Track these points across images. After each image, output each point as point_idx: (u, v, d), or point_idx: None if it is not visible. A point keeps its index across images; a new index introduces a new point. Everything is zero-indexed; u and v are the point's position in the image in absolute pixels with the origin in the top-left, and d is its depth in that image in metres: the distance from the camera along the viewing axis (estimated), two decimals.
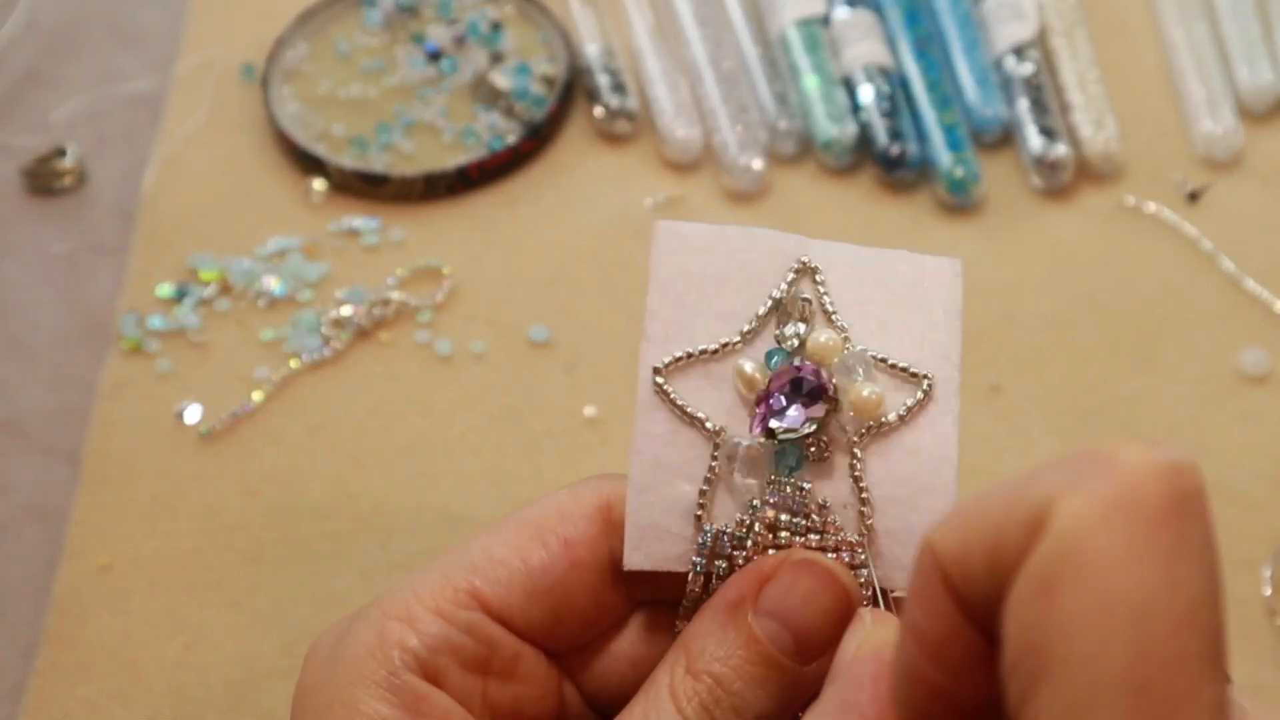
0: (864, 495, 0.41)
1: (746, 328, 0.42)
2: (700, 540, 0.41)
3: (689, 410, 0.42)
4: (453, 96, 0.76)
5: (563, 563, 0.42)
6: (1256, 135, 0.74)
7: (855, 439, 0.42)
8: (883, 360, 0.42)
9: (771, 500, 0.41)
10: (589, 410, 0.65)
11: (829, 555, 0.41)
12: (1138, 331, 0.67)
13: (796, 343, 0.42)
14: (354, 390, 0.66)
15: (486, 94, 0.76)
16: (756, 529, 0.41)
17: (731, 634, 0.40)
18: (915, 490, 0.41)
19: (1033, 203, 0.72)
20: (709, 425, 0.42)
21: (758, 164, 0.72)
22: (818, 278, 0.43)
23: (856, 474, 0.41)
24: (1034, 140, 0.72)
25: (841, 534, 0.41)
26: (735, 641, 0.40)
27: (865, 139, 0.73)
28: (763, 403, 0.41)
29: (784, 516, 0.41)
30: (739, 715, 0.39)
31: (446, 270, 0.70)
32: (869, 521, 0.41)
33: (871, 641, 0.38)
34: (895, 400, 0.42)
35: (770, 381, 0.42)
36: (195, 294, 0.69)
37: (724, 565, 0.41)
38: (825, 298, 0.43)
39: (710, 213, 0.72)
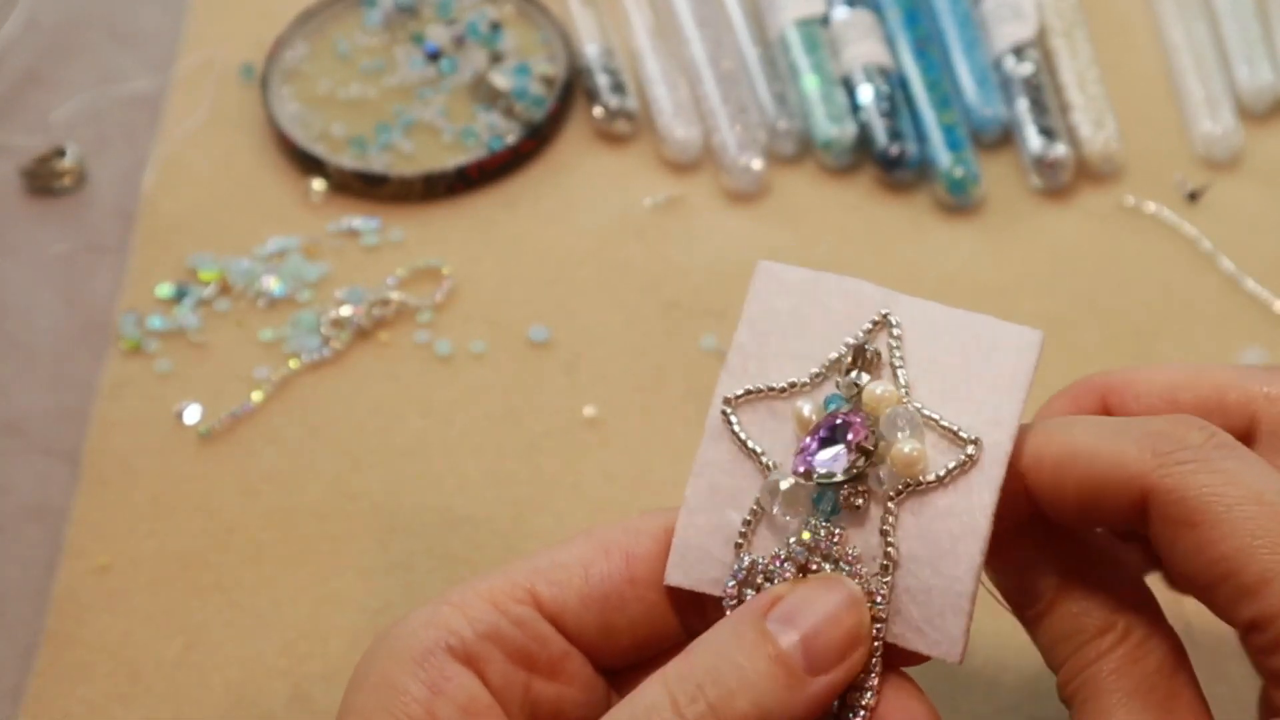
0: (888, 550, 0.42)
1: (815, 371, 0.44)
2: (736, 567, 0.42)
3: (748, 443, 0.44)
4: (452, 96, 0.76)
5: (622, 575, 0.44)
6: (1256, 135, 0.74)
7: (891, 493, 0.42)
8: (933, 419, 0.42)
9: (805, 541, 0.42)
10: (589, 410, 0.65)
11: None
12: (1137, 331, 0.67)
13: (855, 391, 0.43)
14: (354, 390, 0.66)
15: (486, 94, 0.76)
16: (787, 566, 0.42)
17: (741, 630, 0.40)
18: (939, 554, 0.42)
19: (1032, 203, 0.72)
20: (764, 460, 0.43)
21: (757, 164, 0.72)
22: (894, 332, 0.44)
23: (885, 528, 0.42)
24: (1033, 140, 0.72)
25: (867, 584, 0.42)
26: (743, 635, 0.40)
27: (865, 139, 0.73)
28: (806, 444, 0.42)
29: (815, 558, 0.42)
30: (736, 699, 0.39)
31: (446, 270, 0.70)
32: (889, 577, 0.42)
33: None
34: (939, 462, 0.42)
35: (817, 425, 0.43)
36: (195, 294, 0.69)
37: (753, 595, 0.42)
38: (895, 352, 0.44)
39: (710, 213, 0.72)
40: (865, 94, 0.73)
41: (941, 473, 0.42)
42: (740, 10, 0.76)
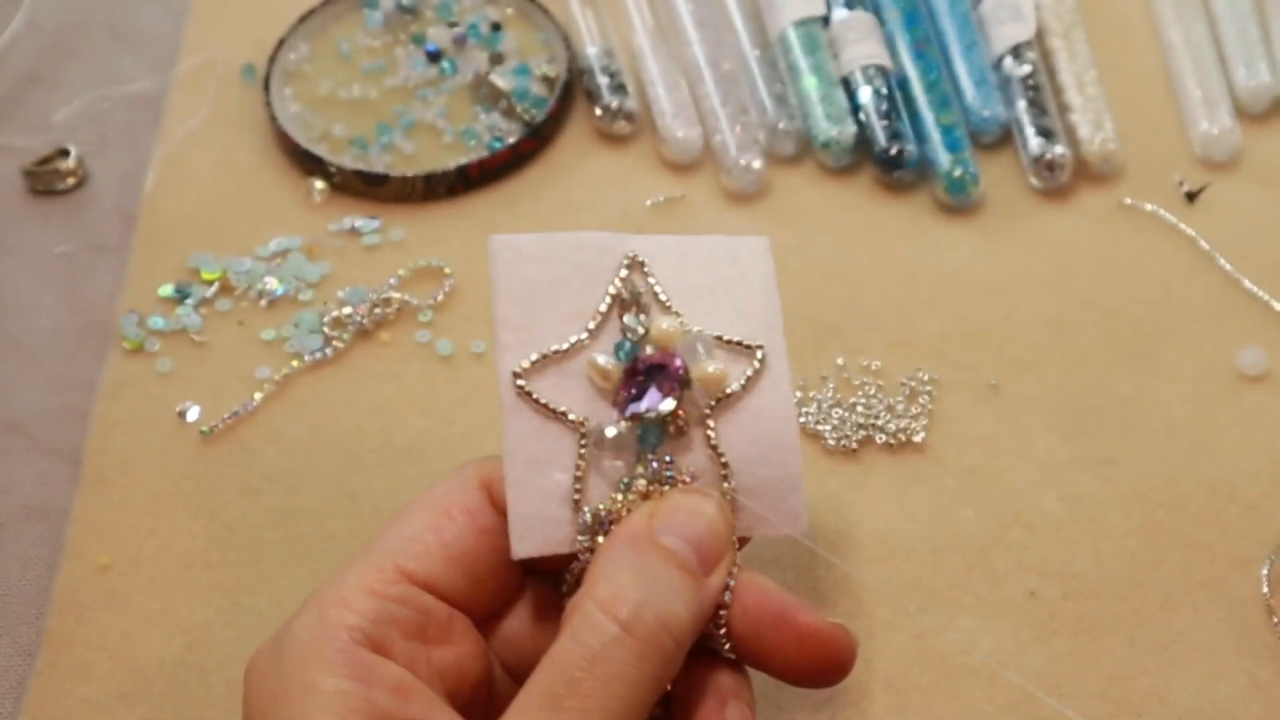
0: (722, 460, 0.46)
1: (592, 324, 0.47)
2: (581, 520, 0.45)
3: (552, 406, 0.46)
4: (453, 97, 0.76)
5: (470, 530, 0.46)
6: (1254, 136, 0.74)
7: (707, 411, 0.46)
8: (719, 337, 0.47)
9: (643, 475, 0.46)
10: None
11: None
12: (1136, 331, 0.67)
13: (641, 331, 0.46)
14: (354, 390, 0.66)
15: (487, 94, 0.76)
16: (633, 500, 0.45)
17: (649, 555, 0.43)
18: (764, 448, 0.46)
19: (1031, 203, 0.72)
20: (572, 418, 0.46)
21: (757, 164, 0.72)
22: (646, 269, 0.47)
23: (713, 443, 0.46)
24: (1032, 141, 0.72)
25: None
26: (654, 558, 0.43)
27: (864, 139, 0.73)
28: (624, 389, 0.46)
29: (655, 486, 0.46)
30: (648, 610, 0.42)
31: (447, 270, 0.70)
32: (729, 484, 0.46)
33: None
34: (735, 371, 0.47)
35: (627, 370, 0.46)
36: (196, 294, 0.69)
37: (604, 540, 0.45)
38: (656, 287, 0.47)
39: (710, 213, 0.72)
40: (865, 94, 0.73)
41: (744, 380, 0.46)
42: (740, 11, 0.76)
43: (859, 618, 0.58)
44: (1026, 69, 0.73)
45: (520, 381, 0.46)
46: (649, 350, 0.46)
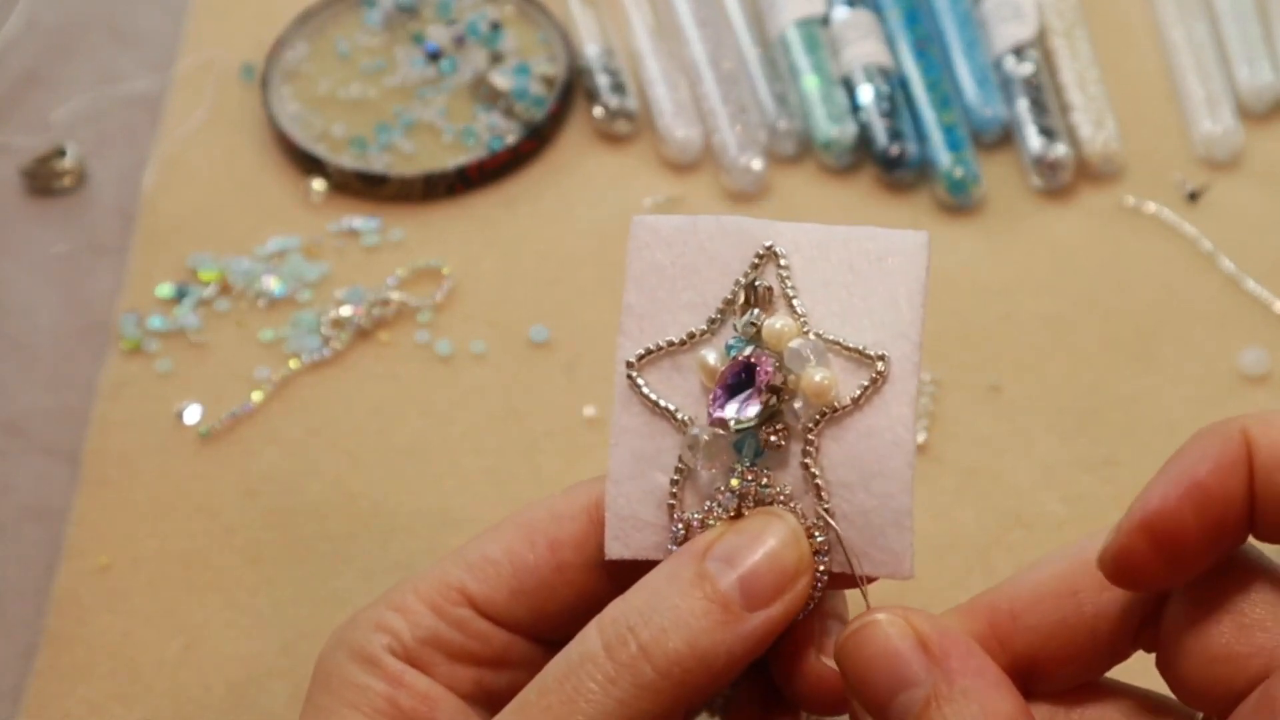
0: (816, 482, 0.42)
1: (711, 316, 0.43)
2: (674, 529, 0.42)
3: (659, 403, 0.43)
4: (453, 96, 0.76)
5: (548, 564, 0.44)
6: (1256, 135, 0.74)
7: (809, 425, 0.42)
8: (836, 343, 0.42)
9: (734, 488, 0.42)
10: (589, 410, 0.65)
11: None
12: (1138, 331, 0.67)
13: (754, 329, 0.42)
14: (354, 390, 0.66)
15: (486, 94, 0.76)
16: (721, 516, 0.42)
17: (681, 576, 0.40)
18: (868, 475, 0.42)
19: (1032, 203, 0.72)
20: (679, 416, 0.43)
21: (757, 164, 0.72)
22: (781, 262, 0.43)
23: (806, 461, 0.42)
24: (1034, 140, 0.72)
25: (804, 519, 0.42)
26: (678, 574, 0.40)
27: (865, 139, 0.73)
28: (716, 392, 0.42)
29: (747, 503, 0.42)
30: (668, 638, 0.39)
31: (446, 270, 0.70)
32: (824, 507, 0.42)
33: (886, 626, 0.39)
34: (851, 383, 0.42)
35: (724, 371, 0.42)
36: (195, 294, 0.69)
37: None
38: (787, 282, 0.43)
39: (710, 212, 0.72)
40: (865, 94, 0.73)
41: (855, 394, 0.42)
42: (740, 10, 0.76)
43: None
44: (1028, 68, 0.73)
45: (632, 373, 0.43)
46: (750, 350, 0.42)
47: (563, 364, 0.67)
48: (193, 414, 0.65)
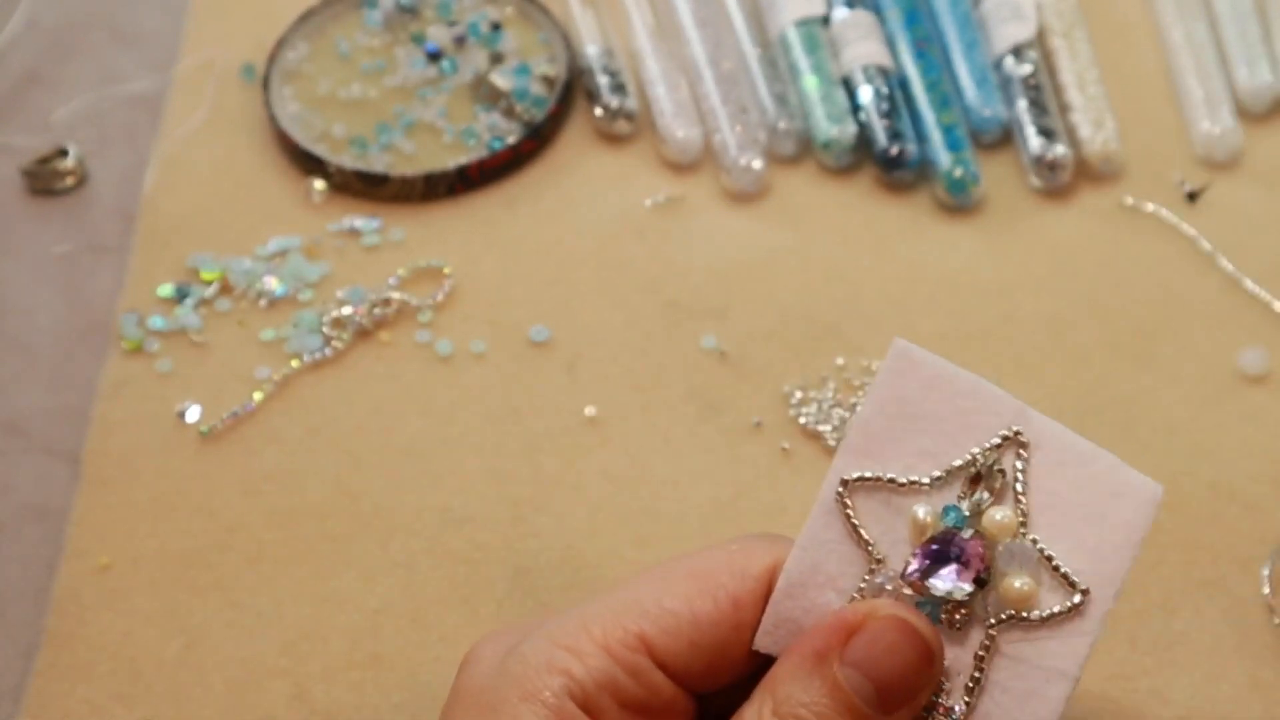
0: (977, 675, 0.43)
1: (938, 474, 0.44)
2: None
3: (860, 531, 0.44)
4: (453, 97, 0.76)
5: (729, 621, 0.44)
6: (1255, 135, 0.74)
7: (993, 622, 0.43)
8: (1049, 558, 0.43)
9: None
10: (589, 410, 0.65)
11: (925, 713, 0.43)
12: (1137, 331, 0.67)
13: (976, 509, 0.43)
14: (354, 390, 0.66)
15: (487, 94, 0.76)
16: None
17: (816, 681, 0.41)
18: (1027, 692, 0.43)
19: (1032, 203, 0.72)
20: (873, 551, 0.43)
21: (757, 164, 0.72)
22: (1022, 452, 0.44)
23: (980, 655, 0.43)
24: (1033, 140, 0.72)
25: (948, 700, 0.43)
26: (820, 689, 0.41)
27: (864, 139, 0.73)
28: (919, 555, 0.43)
29: None
30: None
31: (447, 270, 0.70)
32: (971, 700, 0.43)
33: None
34: (1045, 599, 0.43)
35: (932, 537, 0.43)
36: (196, 294, 0.69)
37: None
38: (1020, 476, 0.44)
39: (710, 213, 0.72)
40: (865, 94, 0.73)
41: (1047, 614, 0.43)
42: (740, 10, 0.76)
43: None
44: (1027, 68, 0.73)
45: (842, 490, 0.44)
46: (970, 532, 0.43)
47: (563, 364, 0.67)
48: (193, 414, 0.65)
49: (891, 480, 0.44)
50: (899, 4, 0.76)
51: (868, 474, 0.44)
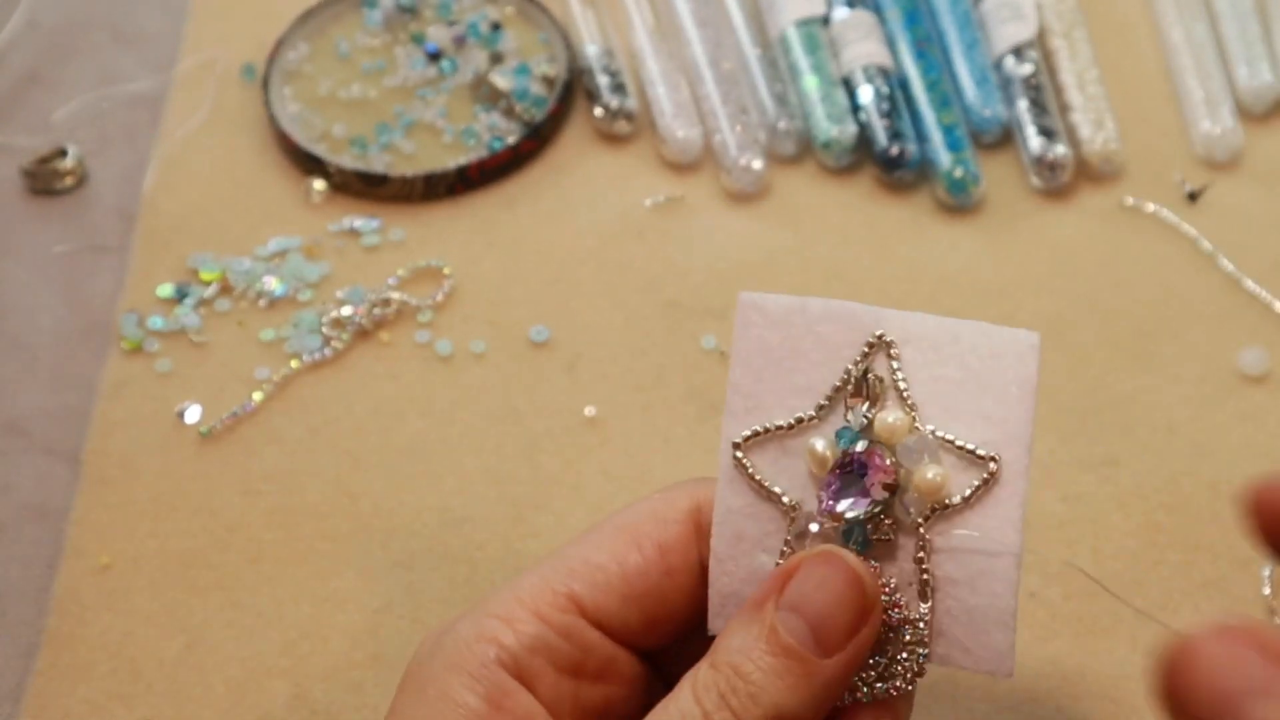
0: (925, 577, 0.43)
1: (821, 403, 0.43)
2: None
3: (766, 485, 0.43)
4: (453, 97, 0.76)
5: (657, 568, 0.44)
6: (1255, 135, 0.74)
7: (919, 521, 0.43)
8: (949, 441, 0.43)
9: None
10: (589, 410, 0.65)
11: (890, 633, 0.43)
12: (1137, 331, 0.67)
13: (865, 422, 0.43)
14: (354, 390, 0.66)
15: (486, 94, 0.76)
16: None
17: (755, 629, 0.41)
18: (975, 573, 0.42)
19: (1032, 203, 0.72)
20: (785, 500, 0.43)
21: (757, 164, 0.72)
22: (892, 351, 0.44)
23: (919, 556, 0.43)
24: (1033, 140, 0.72)
25: (905, 612, 0.43)
26: (756, 635, 0.41)
27: (865, 139, 0.73)
28: (828, 484, 0.43)
29: None
30: (756, 703, 0.40)
31: (447, 270, 0.70)
32: (929, 603, 0.43)
33: None
34: (961, 481, 0.43)
35: (836, 462, 0.43)
36: (195, 294, 0.69)
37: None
38: (898, 374, 0.43)
39: (710, 213, 0.72)
40: (865, 94, 0.73)
41: (967, 494, 0.42)
42: (740, 10, 0.76)
43: None
44: (1028, 68, 0.73)
45: (739, 454, 0.43)
46: (863, 445, 0.43)
47: (563, 364, 0.67)
48: (193, 414, 0.65)
49: (779, 427, 0.43)
50: (899, 4, 0.76)
51: (755, 428, 0.44)
